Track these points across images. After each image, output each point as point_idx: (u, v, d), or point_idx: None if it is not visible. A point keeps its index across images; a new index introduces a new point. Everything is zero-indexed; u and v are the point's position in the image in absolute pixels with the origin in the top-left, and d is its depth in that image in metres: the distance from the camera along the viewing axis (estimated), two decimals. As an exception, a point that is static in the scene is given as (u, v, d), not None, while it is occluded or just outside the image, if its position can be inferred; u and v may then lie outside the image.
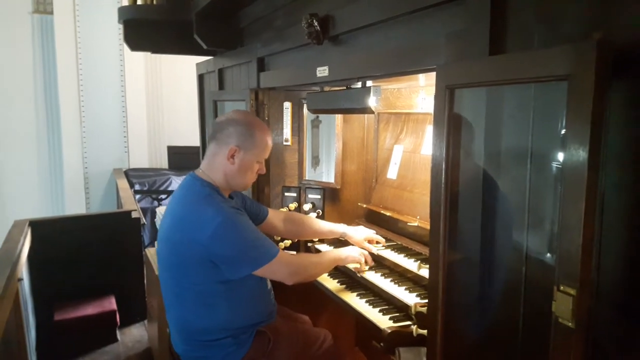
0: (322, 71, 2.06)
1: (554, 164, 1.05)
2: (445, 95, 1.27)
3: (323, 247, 2.62)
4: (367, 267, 2.22)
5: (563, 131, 0.98)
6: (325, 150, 2.76)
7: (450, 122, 1.27)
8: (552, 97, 1.04)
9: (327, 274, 2.33)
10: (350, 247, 2.27)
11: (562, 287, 0.93)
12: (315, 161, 2.80)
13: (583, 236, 0.90)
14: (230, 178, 1.97)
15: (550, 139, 1.06)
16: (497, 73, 1.08)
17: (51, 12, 6.63)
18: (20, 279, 2.70)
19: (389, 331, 1.79)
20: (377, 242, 2.37)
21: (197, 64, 3.82)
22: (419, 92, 2.25)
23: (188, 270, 1.88)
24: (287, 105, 2.78)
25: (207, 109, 3.46)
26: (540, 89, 1.05)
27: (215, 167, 1.97)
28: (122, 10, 3.22)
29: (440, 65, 1.31)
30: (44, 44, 6.75)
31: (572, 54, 0.89)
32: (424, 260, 2.03)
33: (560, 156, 1.01)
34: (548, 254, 1.07)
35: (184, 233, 1.85)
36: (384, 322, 1.89)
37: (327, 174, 2.75)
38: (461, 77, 1.22)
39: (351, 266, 2.26)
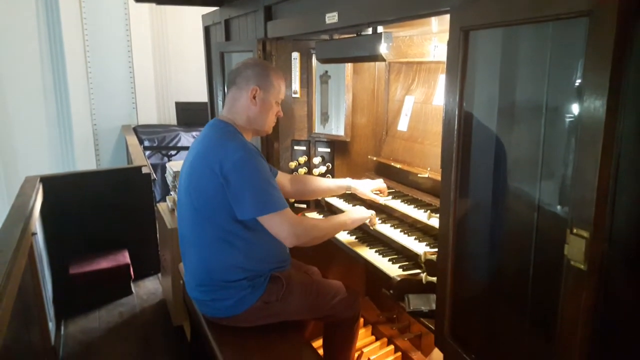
0: (332, 17, 2.00)
1: (567, 117, 1.01)
2: (460, 38, 1.23)
3: (332, 200, 2.62)
4: (376, 223, 2.20)
5: (578, 82, 0.94)
6: (335, 106, 2.72)
7: (464, 66, 1.23)
8: (570, 39, 0.99)
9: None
10: (357, 209, 2.24)
11: (575, 230, 0.92)
12: (324, 117, 2.77)
13: (599, 178, 0.88)
14: (253, 119, 2.03)
15: (567, 87, 1.02)
16: (513, 12, 1.03)
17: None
18: (34, 234, 2.74)
19: (399, 279, 1.80)
20: (381, 192, 2.38)
21: (203, 16, 3.72)
22: (432, 39, 2.18)
23: (208, 205, 1.91)
24: (296, 55, 2.72)
25: (214, 61, 3.40)
26: (558, 30, 1.00)
27: (238, 110, 2.03)
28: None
29: (454, 5, 1.26)
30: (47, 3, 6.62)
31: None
32: (434, 210, 2.03)
33: (576, 107, 0.97)
34: (559, 206, 1.05)
35: (205, 164, 1.89)
36: (394, 270, 1.91)
37: (337, 127, 2.72)
38: (476, 17, 1.17)
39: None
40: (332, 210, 2.61)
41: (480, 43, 1.23)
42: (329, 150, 2.74)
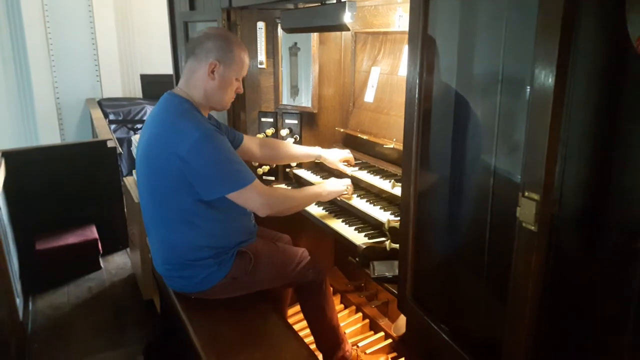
0: (296, -14, 1.98)
1: (522, 86, 1.04)
2: (420, 6, 1.24)
3: (301, 172, 2.64)
4: (352, 196, 2.21)
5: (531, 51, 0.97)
6: (304, 78, 2.70)
7: (424, 35, 1.25)
8: (525, 7, 1.01)
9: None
10: (333, 181, 2.25)
11: (526, 193, 0.95)
12: (294, 91, 2.75)
13: (548, 143, 0.91)
14: (210, 95, 1.94)
15: (522, 57, 1.05)
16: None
17: None
18: (-3, 209, 2.68)
19: (364, 247, 1.84)
20: (349, 163, 2.40)
21: (167, -15, 3.62)
22: (396, 9, 2.18)
23: (167, 187, 1.88)
24: (261, 25, 2.69)
25: (178, 32, 3.33)
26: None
27: (195, 84, 1.94)
28: None
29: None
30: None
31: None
32: (398, 180, 2.06)
33: (529, 77, 0.99)
34: (513, 172, 1.09)
35: (162, 147, 1.84)
36: (360, 239, 1.95)
37: (305, 99, 2.71)
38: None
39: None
40: (300, 183, 2.63)
41: (440, 11, 1.25)
42: (296, 122, 2.74)
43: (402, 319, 2.28)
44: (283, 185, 2.67)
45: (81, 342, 2.96)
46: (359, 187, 2.31)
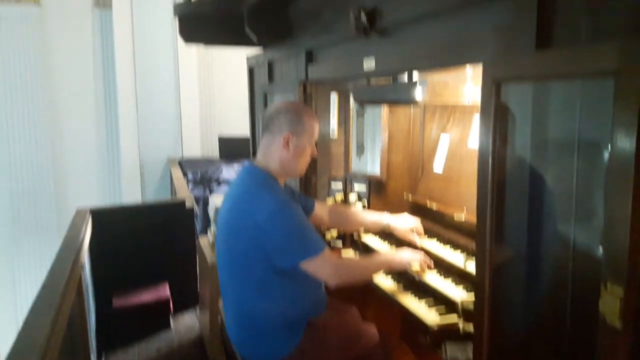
0: (369, 63, 2.06)
1: (600, 165, 1.02)
2: (492, 89, 1.26)
3: (368, 239, 2.64)
4: (426, 270, 2.15)
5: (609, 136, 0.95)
6: (370, 140, 2.76)
7: (497, 115, 1.26)
8: (601, 90, 1.01)
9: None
10: (405, 251, 2.22)
11: (609, 285, 0.91)
12: (360, 150, 2.82)
13: (631, 232, 0.87)
14: (286, 165, 2.06)
15: (598, 132, 1.03)
16: (543, 68, 1.06)
17: (110, 7, 6.89)
18: (83, 266, 2.86)
19: (436, 328, 1.79)
20: (418, 232, 2.37)
21: (248, 58, 3.89)
22: (466, 82, 2.21)
23: (245, 254, 1.94)
24: (334, 96, 2.80)
25: (257, 101, 3.54)
26: (588, 83, 1.02)
27: (271, 155, 2.06)
28: (177, 7, 3.32)
29: (487, 59, 1.29)
30: (103, 37, 7.05)
31: (619, 50, 0.86)
32: (470, 253, 2.01)
33: (607, 158, 0.98)
34: (594, 255, 1.05)
35: (242, 215, 1.93)
36: (431, 317, 1.89)
37: (372, 165, 2.76)
38: (508, 71, 1.20)
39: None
40: (367, 250, 2.62)
41: (512, 91, 1.26)
42: (365, 188, 2.77)
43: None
44: (350, 251, 2.67)
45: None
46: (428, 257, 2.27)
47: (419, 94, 1.86)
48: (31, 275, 7.04)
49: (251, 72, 3.88)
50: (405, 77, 1.99)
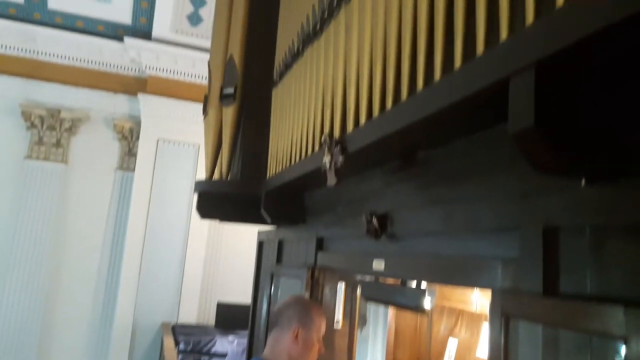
0: (379, 264, 2.13)
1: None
2: (501, 322, 1.29)
3: None
4: None
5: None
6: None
7: (506, 352, 1.27)
8: (614, 350, 1.03)
9: None
10: None
11: None
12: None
13: None
14: (295, 359, 2.04)
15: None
16: (549, 316, 1.10)
17: (133, 170, 7.32)
18: None
19: None
20: None
21: (259, 232, 4.03)
22: (474, 290, 2.26)
23: None
24: (341, 285, 2.83)
25: (263, 277, 3.57)
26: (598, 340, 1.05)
27: (279, 351, 2.06)
28: (198, 184, 3.54)
29: (496, 289, 1.34)
30: (121, 196, 7.36)
31: (627, 315, 0.91)
32: None
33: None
34: None
35: None
36: None
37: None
38: (515, 308, 1.24)
39: None
40: None
41: (521, 329, 1.28)
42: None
43: None
44: None
45: None
46: None
47: (427, 302, 1.90)
48: None
49: (260, 246, 3.97)
50: (414, 283, 2.04)
